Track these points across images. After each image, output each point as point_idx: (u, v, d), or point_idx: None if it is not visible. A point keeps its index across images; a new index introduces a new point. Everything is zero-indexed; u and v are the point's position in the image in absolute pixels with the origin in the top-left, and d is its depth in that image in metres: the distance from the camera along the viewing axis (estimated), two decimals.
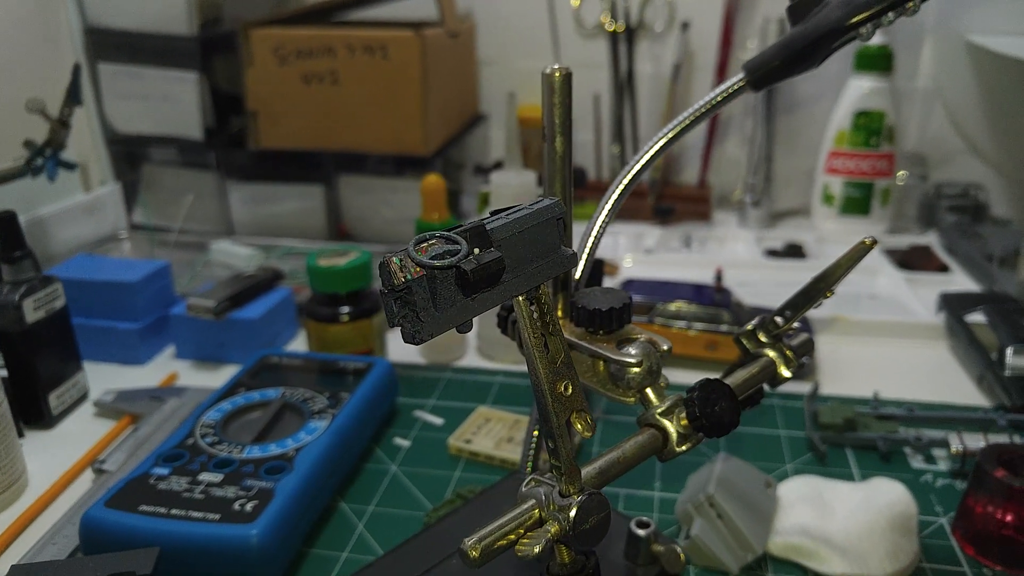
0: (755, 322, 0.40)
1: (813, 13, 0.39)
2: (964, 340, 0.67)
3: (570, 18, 1.08)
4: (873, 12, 0.37)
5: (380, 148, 0.91)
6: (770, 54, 0.40)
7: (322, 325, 0.66)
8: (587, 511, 0.30)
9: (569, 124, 0.36)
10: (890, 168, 0.95)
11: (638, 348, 0.36)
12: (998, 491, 0.47)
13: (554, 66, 0.36)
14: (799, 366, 0.40)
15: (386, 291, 0.25)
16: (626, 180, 0.42)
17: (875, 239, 0.36)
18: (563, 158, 0.37)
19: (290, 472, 0.49)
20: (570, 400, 0.30)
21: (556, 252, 0.29)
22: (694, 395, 0.33)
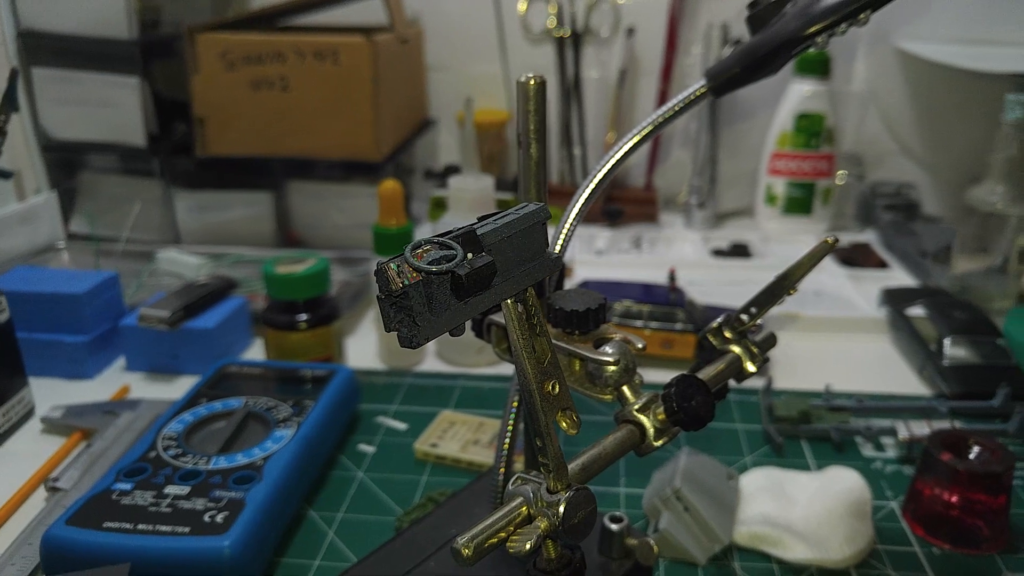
0: (720, 320, 0.42)
1: (771, 23, 0.41)
2: (905, 333, 0.71)
3: (517, 24, 1.09)
4: (828, 23, 0.39)
5: (331, 154, 0.91)
6: (730, 62, 0.42)
7: (281, 333, 0.66)
8: (575, 506, 0.31)
9: (544, 130, 0.37)
10: (830, 168, 0.98)
11: (614, 347, 0.37)
12: (944, 474, 0.49)
13: (529, 74, 0.37)
14: (764, 361, 0.41)
15: (383, 297, 0.26)
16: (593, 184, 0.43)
17: (837, 238, 0.38)
18: (538, 164, 0.37)
19: (259, 481, 0.49)
20: (557, 399, 0.31)
21: (542, 255, 0.30)
22: (671, 390, 0.34)
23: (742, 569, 0.48)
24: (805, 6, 0.40)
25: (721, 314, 0.72)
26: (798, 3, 0.40)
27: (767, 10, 0.41)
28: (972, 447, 0.50)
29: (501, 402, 0.66)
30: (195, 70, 0.90)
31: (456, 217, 0.70)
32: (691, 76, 1.06)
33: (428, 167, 1.14)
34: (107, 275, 0.73)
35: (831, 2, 0.39)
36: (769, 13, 0.41)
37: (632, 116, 1.11)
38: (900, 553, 0.49)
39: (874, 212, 1.01)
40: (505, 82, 1.11)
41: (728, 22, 0.99)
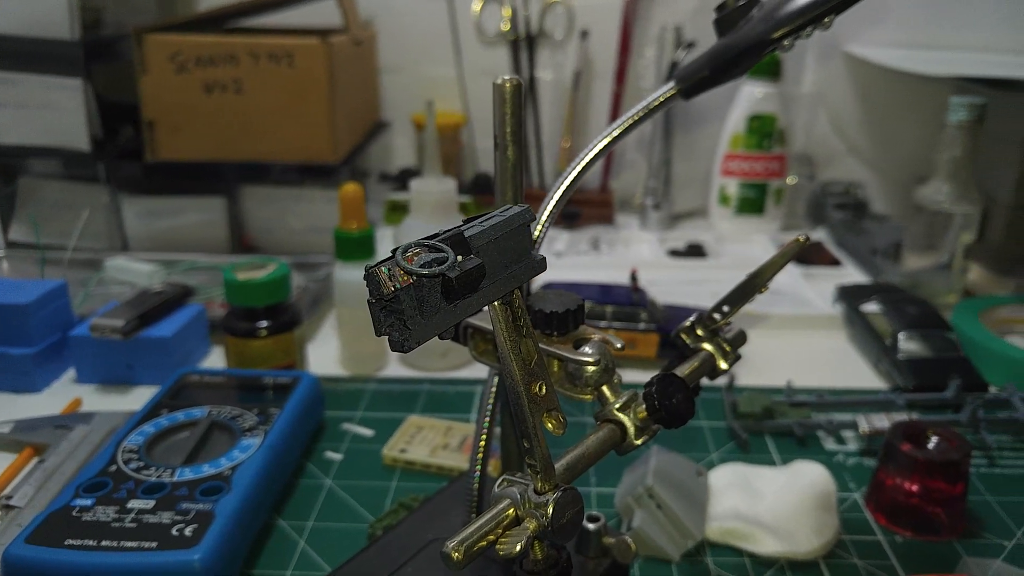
0: (693, 318, 0.42)
1: (739, 26, 0.41)
2: (860, 328, 0.73)
3: (471, 26, 1.09)
4: (793, 27, 0.40)
5: (287, 157, 0.89)
6: (699, 64, 0.42)
7: (242, 340, 0.64)
8: (564, 506, 0.31)
9: (520, 133, 0.37)
10: (782, 169, 1.01)
11: (593, 347, 0.37)
12: (905, 464, 0.51)
13: (505, 76, 0.37)
14: (736, 358, 0.42)
15: (374, 301, 0.25)
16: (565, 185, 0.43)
17: (808, 237, 0.38)
18: (515, 166, 0.37)
19: (228, 492, 0.48)
20: (544, 400, 0.31)
21: (527, 257, 0.30)
22: (652, 389, 0.35)
23: (715, 564, 0.48)
24: (771, 10, 0.41)
25: (681, 313, 0.73)
26: (764, 7, 0.41)
27: (734, 13, 0.41)
28: (931, 438, 0.52)
29: (468, 406, 0.66)
30: (143, 72, 0.88)
31: (418, 220, 0.70)
32: (645, 78, 1.07)
33: (383, 170, 1.13)
34: (54, 284, 0.71)
35: (796, 6, 0.40)
36: (736, 16, 0.41)
37: (587, 118, 1.12)
38: (865, 542, 0.50)
39: (825, 211, 1.04)
40: (460, 84, 1.10)
41: (681, 24, 1.01)
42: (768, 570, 0.48)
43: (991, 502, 0.54)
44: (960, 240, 0.76)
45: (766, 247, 0.98)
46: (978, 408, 0.59)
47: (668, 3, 1.04)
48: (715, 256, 0.97)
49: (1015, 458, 0.59)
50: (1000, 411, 0.61)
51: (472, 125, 1.13)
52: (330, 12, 0.97)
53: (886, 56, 0.93)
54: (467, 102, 1.11)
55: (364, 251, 0.69)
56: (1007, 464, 0.58)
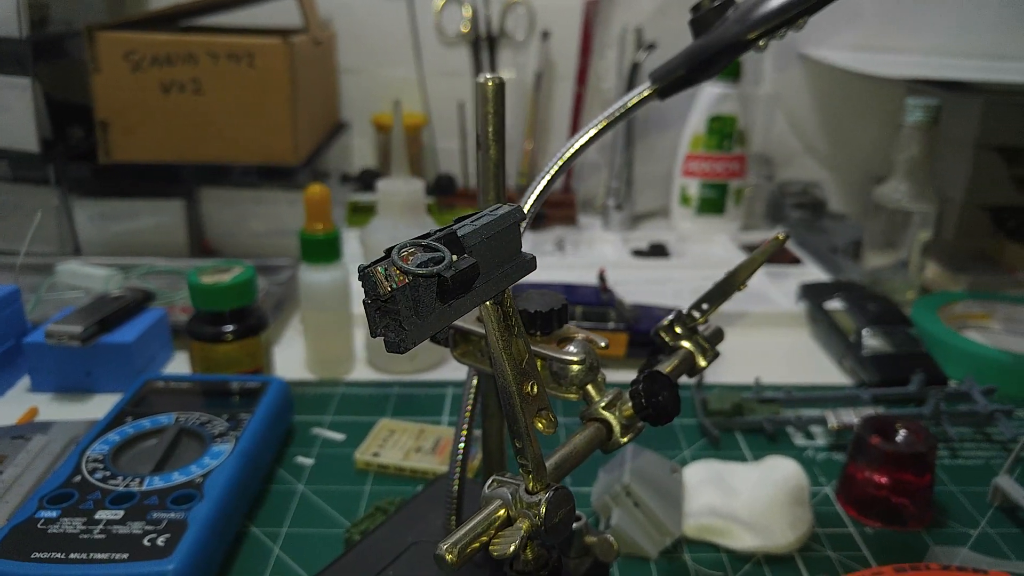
0: (672, 317, 0.43)
1: (714, 27, 0.42)
2: (824, 326, 0.74)
3: (431, 26, 1.08)
4: (767, 28, 0.40)
5: (247, 159, 0.88)
6: (675, 64, 0.42)
7: (207, 345, 0.63)
8: (556, 505, 0.31)
9: (502, 132, 0.37)
10: (742, 169, 1.02)
11: (578, 346, 0.37)
12: (875, 457, 0.52)
13: (487, 75, 0.36)
14: (715, 355, 0.42)
15: (369, 302, 0.25)
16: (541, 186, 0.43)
17: (788, 234, 0.39)
18: (498, 165, 0.37)
19: (200, 500, 0.47)
20: (536, 399, 0.31)
21: (518, 256, 0.29)
22: (639, 387, 0.35)
23: (692, 560, 0.49)
24: (745, 12, 0.41)
25: (649, 312, 0.74)
26: (739, 8, 0.41)
27: (709, 14, 0.42)
28: (899, 431, 0.53)
29: (438, 408, 0.65)
30: (96, 70, 0.86)
31: (386, 221, 0.69)
32: (606, 80, 1.08)
33: (343, 171, 1.12)
34: (6, 290, 0.68)
35: (770, 8, 0.41)
36: (712, 17, 0.42)
37: (549, 119, 1.12)
38: (837, 535, 0.51)
39: (783, 211, 1.05)
40: (420, 85, 1.10)
41: (642, 26, 1.01)
42: (745, 565, 0.48)
43: (955, 492, 0.55)
44: (918, 238, 0.78)
45: (727, 247, 0.99)
46: (940, 402, 0.60)
47: (628, 4, 1.04)
48: (678, 256, 0.98)
49: (975, 449, 0.60)
50: (961, 404, 0.63)
51: (433, 126, 1.12)
52: (287, 12, 0.96)
53: (841, 58, 0.95)
54: (428, 103, 1.10)
55: (330, 253, 0.68)
56: (968, 455, 0.60)
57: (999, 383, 0.65)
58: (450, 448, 0.58)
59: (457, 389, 0.68)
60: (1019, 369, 0.66)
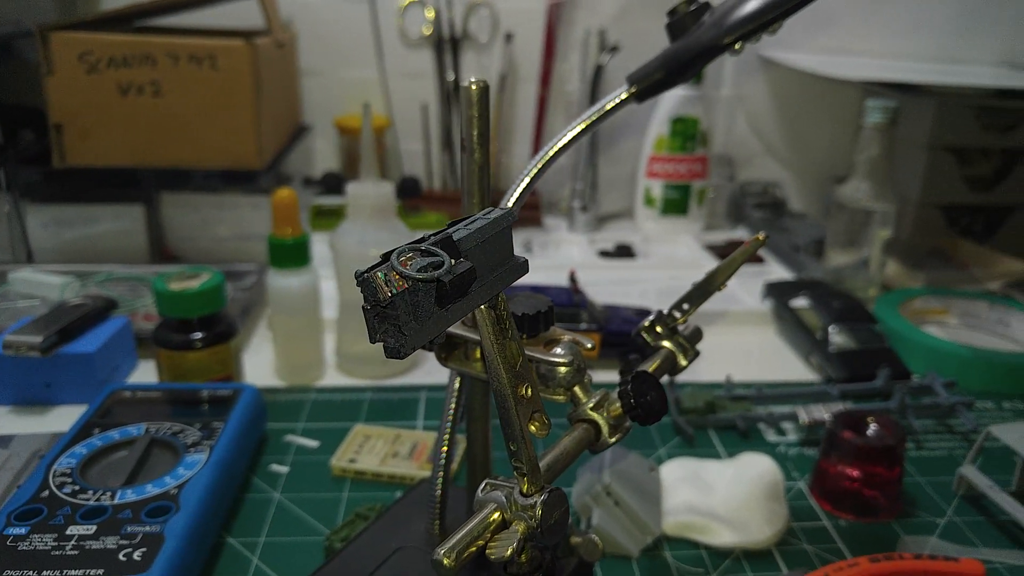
0: (653, 317, 0.43)
1: (691, 31, 0.42)
2: (790, 323, 0.75)
3: (394, 28, 1.08)
4: (743, 33, 0.41)
5: (210, 163, 0.86)
6: (652, 67, 0.43)
7: (176, 353, 0.62)
8: (551, 507, 0.31)
9: (487, 135, 0.37)
10: (704, 170, 1.03)
11: (565, 348, 0.37)
12: (847, 451, 0.53)
13: (472, 79, 0.36)
14: (695, 354, 0.43)
15: (369, 307, 0.25)
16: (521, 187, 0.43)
17: (768, 235, 0.40)
18: (482, 169, 0.37)
19: (177, 512, 0.46)
20: (530, 402, 0.31)
21: (510, 260, 0.29)
22: (628, 387, 0.35)
23: (673, 558, 0.49)
24: (721, 16, 0.42)
25: (620, 313, 0.74)
26: (715, 13, 0.42)
27: (686, 19, 0.42)
28: (869, 425, 0.54)
29: (412, 413, 0.65)
30: (49, 72, 0.83)
31: (355, 224, 0.69)
32: (570, 82, 1.09)
33: (306, 175, 1.10)
34: None
35: (745, 13, 0.41)
36: (688, 22, 0.42)
37: (513, 121, 1.12)
38: (812, 528, 0.52)
39: (744, 210, 1.07)
40: (382, 87, 1.09)
41: (605, 28, 1.02)
42: (725, 561, 0.49)
43: (922, 483, 0.57)
44: (879, 236, 0.79)
45: (691, 247, 1.01)
46: (905, 396, 0.62)
47: (591, 7, 1.05)
48: (644, 256, 0.99)
49: (939, 440, 0.62)
50: (924, 397, 0.65)
51: (396, 128, 1.11)
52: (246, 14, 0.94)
53: (800, 60, 0.97)
54: (390, 105, 1.10)
55: (299, 258, 0.67)
56: (933, 447, 0.61)
57: (959, 376, 0.67)
58: (428, 453, 0.58)
59: (431, 393, 0.68)
60: (978, 362, 0.68)
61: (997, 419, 0.65)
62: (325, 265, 0.71)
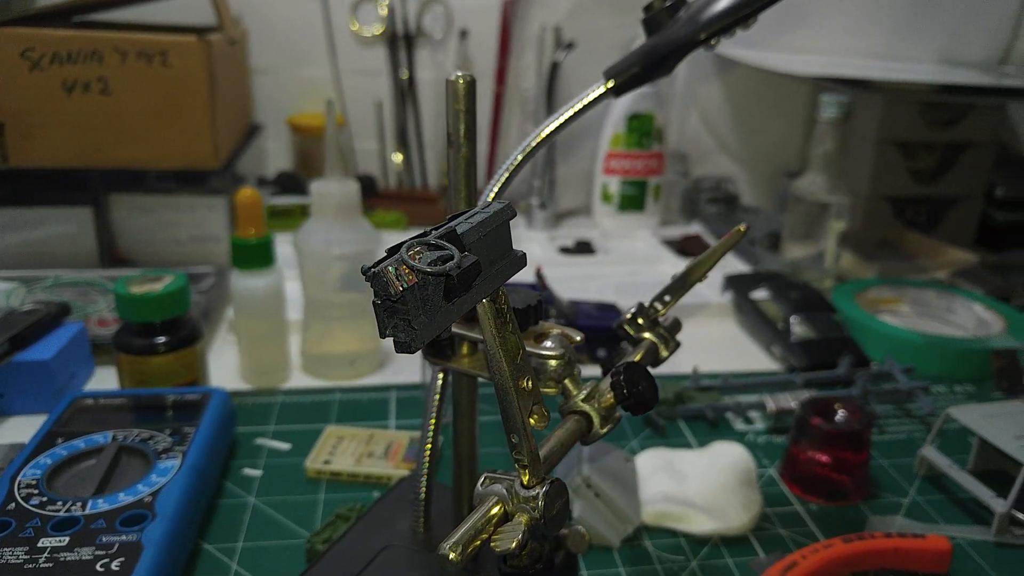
0: (634, 309, 0.44)
1: (666, 27, 0.43)
2: (751, 315, 0.77)
3: (346, 25, 1.07)
4: (719, 28, 0.42)
5: (162, 163, 0.84)
6: (630, 62, 0.43)
7: (139, 358, 0.60)
8: (554, 497, 0.31)
9: (474, 131, 0.37)
10: (660, 166, 1.05)
11: (555, 341, 0.37)
12: (816, 437, 0.54)
13: (458, 72, 0.36)
14: (676, 345, 0.43)
15: (379, 302, 0.25)
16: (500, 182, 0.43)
17: (748, 225, 0.40)
18: (469, 164, 0.37)
19: (153, 519, 0.44)
20: (530, 395, 0.31)
21: (510, 253, 0.30)
22: (620, 378, 0.35)
23: (654, 547, 0.50)
24: (695, 12, 0.43)
25: (582, 308, 0.75)
26: (690, 8, 0.43)
27: (661, 15, 0.43)
28: (837, 411, 0.56)
29: (384, 413, 0.64)
30: None
31: (320, 223, 0.68)
32: (525, 79, 1.09)
33: (259, 175, 1.08)
34: None
35: (719, 9, 0.42)
36: (663, 17, 0.43)
37: None
38: (785, 513, 0.53)
39: (698, 206, 1.09)
40: (335, 85, 1.08)
41: (560, 25, 1.03)
42: (703, 548, 0.50)
43: (885, 466, 0.59)
44: (834, 228, 0.82)
45: (649, 242, 1.02)
46: (867, 382, 0.64)
47: (547, 4, 1.05)
48: (603, 252, 1.00)
49: (899, 424, 0.64)
50: (884, 383, 0.67)
51: (350, 127, 1.10)
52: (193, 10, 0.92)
53: (752, 57, 0.99)
54: (344, 103, 1.09)
55: (264, 259, 0.66)
56: (893, 431, 0.63)
57: (914, 362, 0.69)
58: (403, 452, 0.58)
59: (401, 393, 0.67)
60: (932, 349, 0.71)
61: (951, 402, 0.67)
62: (288, 266, 0.70)
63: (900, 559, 0.47)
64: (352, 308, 0.69)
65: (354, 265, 0.68)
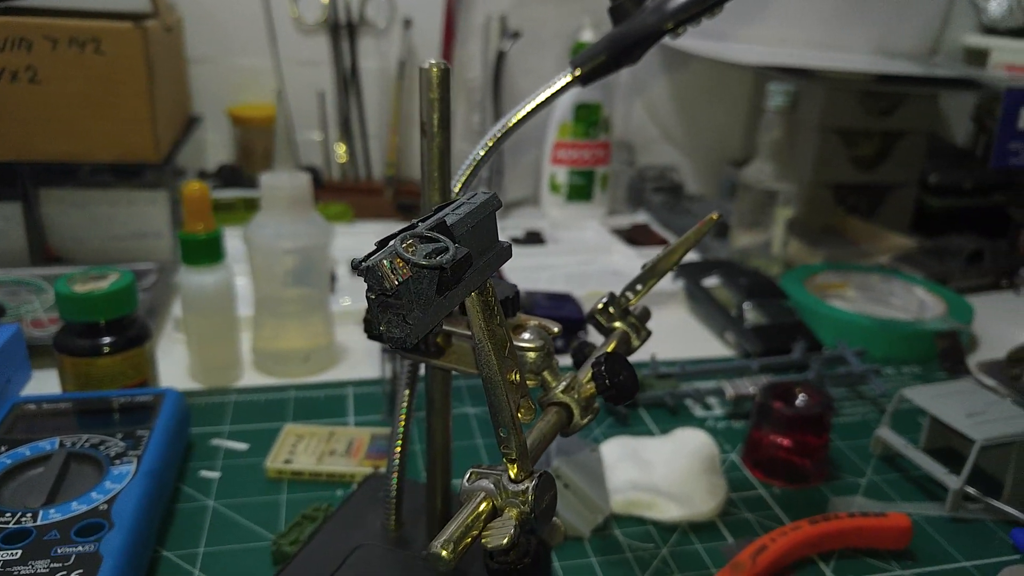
0: (605, 299, 0.43)
1: (633, 15, 0.43)
2: (704, 302, 0.78)
3: (287, 13, 1.04)
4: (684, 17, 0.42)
5: (98, 156, 0.80)
6: (597, 51, 0.43)
7: (84, 360, 0.57)
8: (543, 490, 0.31)
9: (448, 120, 0.36)
10: (607, 156, 1.05)
11: (533, 333, 0.37)
12: (778, 421, 0.55)
13: (431, 61, 0.35)
14: (648, 334, 0.44)
15: (373, 296, 0.24)
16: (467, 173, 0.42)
17: (721, 214, 0.41)
18: (443, 154, 0.36)
19: (111, 528, 0.43)
20: (518, 388, 0.30)
21: (496, 245, 0.29)
22: (602, 368, 0.35)
23: (624, 535, 0.50)
24: (662, 1, 0.42)
25: (535, 299, 0.75)
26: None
27: (628, 3, 0.43)
28: (798, 395, 0.57)
29: (342, 409, 0.63)
30: None
31: (270, 217, 0.66)
32: (471, 68, 1.08)
33: (199, 168, 1.05)
34: None
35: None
36: (630, 6, 0.43)
37: (413, 109, 1.11)
38: (749, 497, 0.54)
39: (644, 195, 1.10)
40: (276, 74, 1.05)
41: (506, 14, 1.02)
42: (672, 535, 0.50)
43: (842, 447, 0.60)
44: (781, 215, 0.83)
45: (599, 232, 1.02)
46: (821, 366, 0.65)
47: None
48: (553, 243, 1.00)
49: (853, 407, 0.66)
50: (838, 367, 0.69)
51: (292, 117, 1.07)
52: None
53: (696, 46, 1.00)
54: (285, 93, 1.06)
55: (213, 254, 0.64)
56: (848, 413, 0.65)
57: (864, 346, 0.71)
58: (365, 449, 0.57)
59: (358, 388, 0.66)
60: (881, 332, 0.73)
61: (900, 383, 0.69)
62: (237, 261, 0.68)
63: (864, 538, 0.48)
64: (305, 303, 0.68)
65: (306, 259, 0.66)
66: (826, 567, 0.48)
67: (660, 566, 0.48)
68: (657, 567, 0.47)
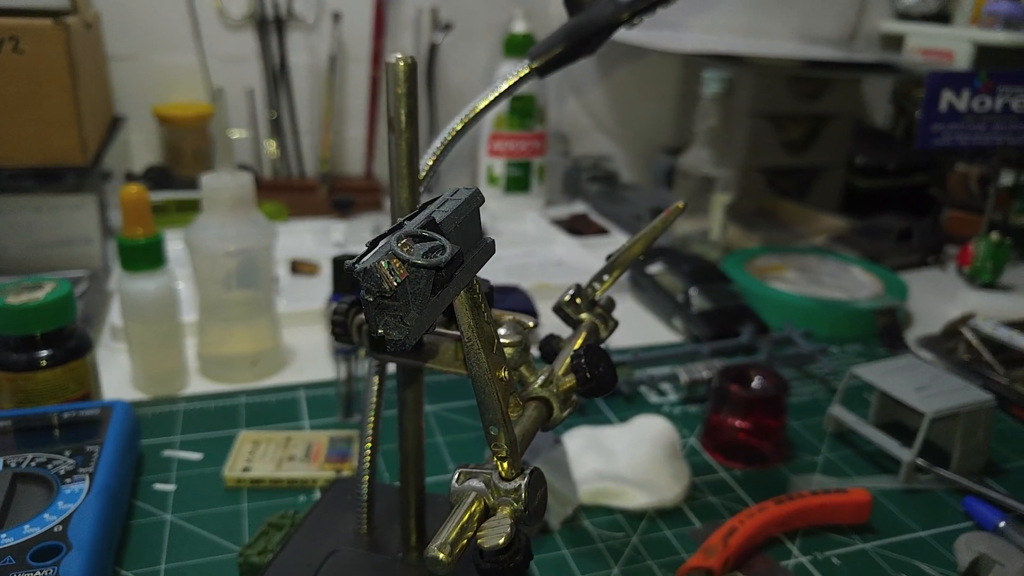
0: (572, 290, 0.43)
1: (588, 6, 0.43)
2: (649, 290, 0.79)
3: (211, 8, 1.00)
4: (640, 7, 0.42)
5: (18, 160, 0.76)
6: (553, 42, 0.43)
7: (22, 375, 0.54)
8: (535, 487, 0.30)
9: (416, 114, 0.35)
10: (543, 147, 1.05)
11: (509, 328, 0.36)
12: (737, 404, 0.56)
13: (397, 55, 0.35)
14: (615, 324, 0.44)
15: (370, 299, 0.23)
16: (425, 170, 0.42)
17: (686, 203, 0.41)
18: (412, 150, 0.35)
19: (69, 551, 0.41)
20: (508, 385, 0.30)
21: (481, 241, 0.29)
22: (582, 360, 0.35)
23: (593, 525, 0.50)
24: None
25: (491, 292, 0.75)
26: None
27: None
28: (753, 377, 0.58)
29: (296, 413, 0.61)
30: None
31: (212, 219, 0.64)
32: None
33: (127, 170, 1.01)
34: None
35: None
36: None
37: (345, 103, 1.09)
38: (712, 481, 0.55)
39: (580, 185, 1.10)
40: (203, 72, 1.02)
41: (437, 6, 1.01)
42: (641, 522, 0.51)
43: (796, 427, 0.62)
44: (720, 200, 0.85)
45: (539, 223, 1.02)
46: (771, 348, 0.67)
47: None
48: (494, 235, 1.00)
49: (802, 386, 0.68)
50: (786, 348, 0.70)
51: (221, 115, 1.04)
52: None
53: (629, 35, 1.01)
54: (213, 91, 1.02)
55: (154, 259, 0.61)
56: (798, 392, 0.67)
57: (807, 326, 0.73)
58: (325, 452, 0.56)
59: (310, 391, 0.65)
60: (825, 312, 0.75)
61: (844, 362, 0.71)
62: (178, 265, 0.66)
63: (827, 514, 0.49)
64: (250, 306, 0.66)
65: (250, 261, 0.64)
66: (792, 545, 0.49)
67: (632, 554, 0.48)
68: (629, 555, 0.48)
